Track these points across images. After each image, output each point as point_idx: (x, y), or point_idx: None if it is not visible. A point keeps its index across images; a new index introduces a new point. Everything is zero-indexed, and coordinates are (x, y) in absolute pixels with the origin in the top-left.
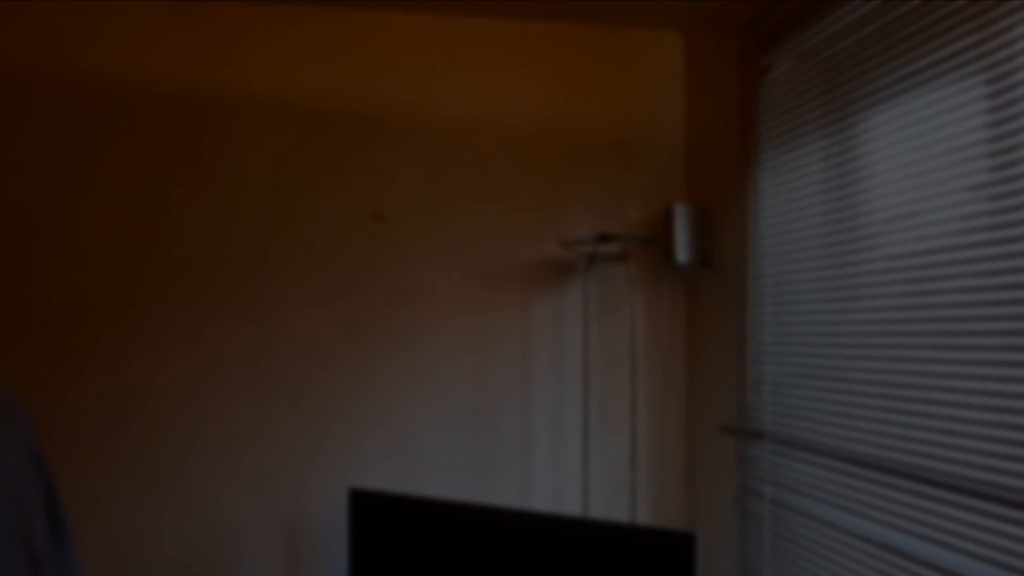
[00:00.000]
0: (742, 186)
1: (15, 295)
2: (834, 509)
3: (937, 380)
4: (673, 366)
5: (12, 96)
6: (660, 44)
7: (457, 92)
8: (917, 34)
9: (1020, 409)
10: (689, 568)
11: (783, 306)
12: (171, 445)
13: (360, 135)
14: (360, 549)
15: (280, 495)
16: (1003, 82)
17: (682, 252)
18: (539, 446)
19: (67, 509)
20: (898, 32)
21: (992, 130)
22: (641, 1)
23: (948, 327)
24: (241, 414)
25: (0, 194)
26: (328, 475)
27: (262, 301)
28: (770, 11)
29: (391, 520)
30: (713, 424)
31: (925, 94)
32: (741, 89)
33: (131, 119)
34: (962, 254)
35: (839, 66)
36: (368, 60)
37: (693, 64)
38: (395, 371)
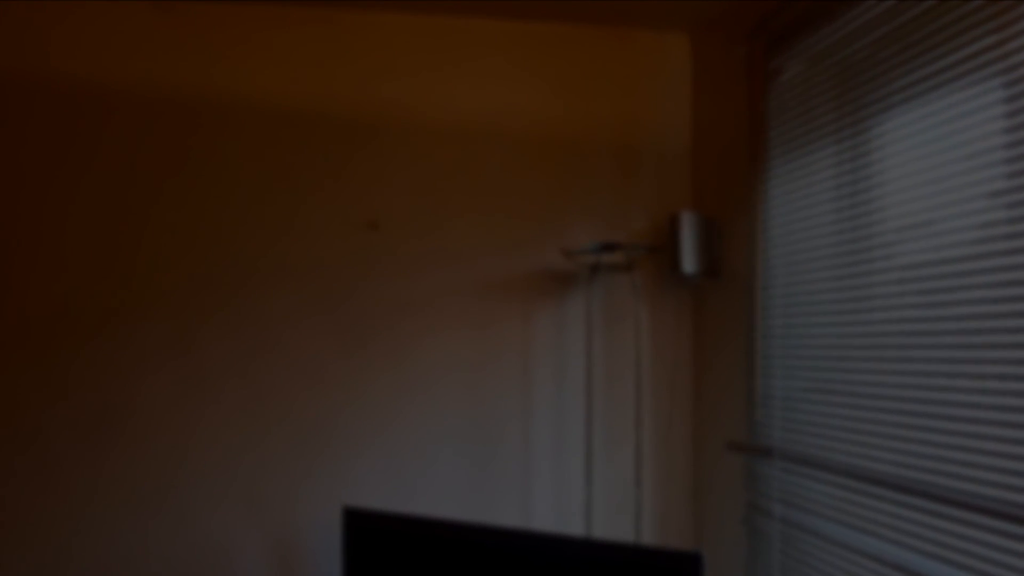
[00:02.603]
0: (750, 194)
1: None
2: (846, 528)
3: (952, 395)
4: (679, 380)
5: None
6: (665, 46)
7: (455, 96)
8: (932, 36)
9: None
10: None
11: (793, 318)
12: (158, 462)
13: (354, 140)
14: (354, 571)
15: (272, 514)
16: (1022, 85)
17: (688, 262)
18: (540, 463)
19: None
20: (913, 34)
21: (1010, 135)
22: (646, 1)
23: (964, 340)
24: (231, 430)
25: None
26: (321, 493)
27: (252, 313)
28: (780, 12)
29: (387, 540)
30: (720, 441)
31: (941, 98)
32: (750, 93)
33: (113, 123)
34: (979, 264)
35: (851, 69)
36: (362, 62)
37: (700, 67)
38: (391, 386)
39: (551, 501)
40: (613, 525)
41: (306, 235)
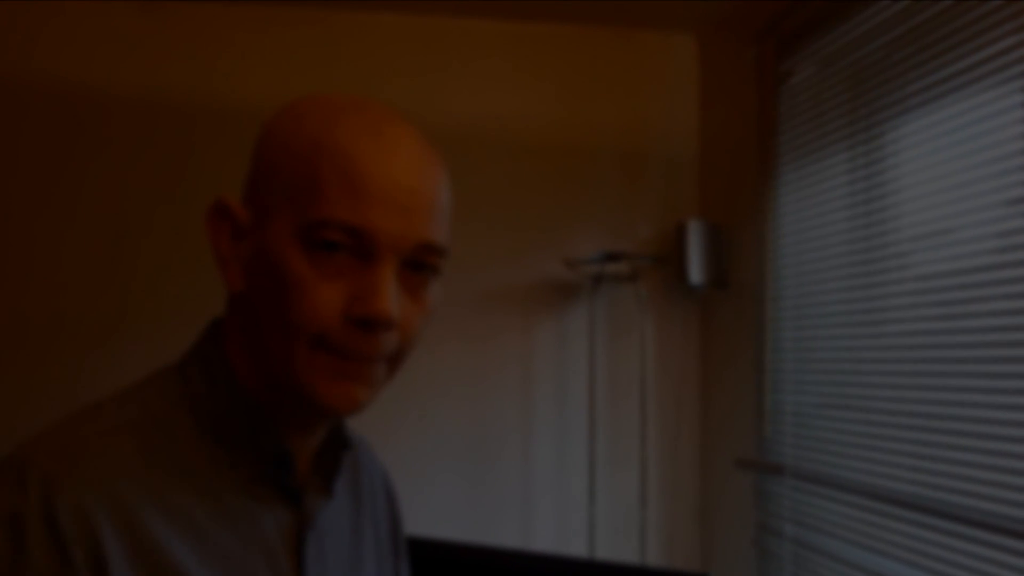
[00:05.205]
0: (760, 201)
1: None
2: (860, 549)
3: (971, 410)
4: (686, 395)
5: None
6: (672, 48)
7: (453, 99)
8: (949, 37)
9: None
10: None
11: (805, 331)
12: None
13: None
14: None
15: None
16: None
17: (695, 272)
18: (541, 481)
19: None
20: (929, 35)
21: None
22: (652, 2)
23: (983, 353)
24: None
25: None
26: None
27: None
28: (790, 12)
29: None
30: (729, 458)
31: (958, 101)
32: (759, 96)
33: (109, 129)
34: (998, 274)
35: (865, 71)
36: (357, 64)
37: (707, 69)
38: (385, 400)
39: (552, 521)
40: (617, 546)
41: None
